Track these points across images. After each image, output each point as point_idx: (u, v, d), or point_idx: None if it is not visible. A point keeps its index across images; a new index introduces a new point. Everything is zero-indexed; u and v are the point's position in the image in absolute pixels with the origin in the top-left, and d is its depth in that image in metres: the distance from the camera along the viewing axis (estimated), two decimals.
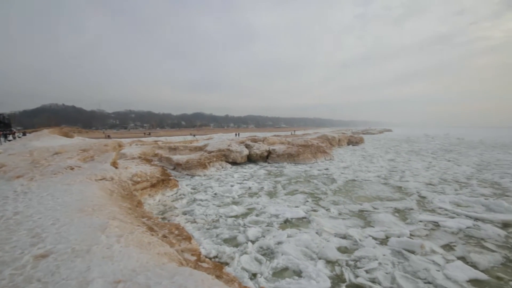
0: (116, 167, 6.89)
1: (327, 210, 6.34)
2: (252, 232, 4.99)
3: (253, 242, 4.60)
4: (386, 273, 3.56)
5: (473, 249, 4.29)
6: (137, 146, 16.77)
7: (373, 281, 3.42)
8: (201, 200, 7.34)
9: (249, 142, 17.20)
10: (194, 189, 8.71)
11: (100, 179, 5.09)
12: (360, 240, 4.60)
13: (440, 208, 6.32)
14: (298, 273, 3.60)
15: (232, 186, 8.92)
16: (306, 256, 4.09)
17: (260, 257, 4.05)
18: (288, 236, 4.76)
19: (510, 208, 6.01)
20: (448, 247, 4.40)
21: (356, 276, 3.52)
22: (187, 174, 11.23)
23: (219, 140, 21.13)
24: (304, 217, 5.85)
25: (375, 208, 6.40)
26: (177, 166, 12.17)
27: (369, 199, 7.24)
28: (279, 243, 4.49)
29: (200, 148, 16.48)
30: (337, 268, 3.74)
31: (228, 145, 15.46)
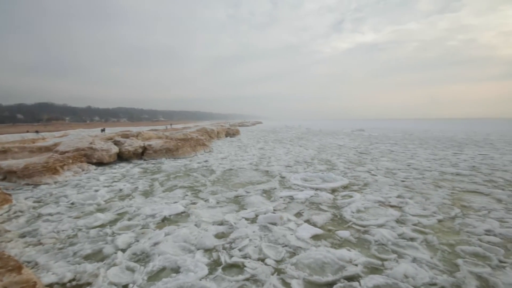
0: None
1: (206, 201, 6.54)
2: (123, 239, 4.46)
3: (124, 250, 4.12)
4: (255, 247, 4.11)
5: (314, 212, 5.64)
6: None
7: (245, 256, 3.86)
8: (50, 214, 5.80)
9: (119, 138, 15.02)
10: (38, 201, 6.76)
11: None
12: (235, 223, 5.05)
13: (294, 184, 7.89)
14: (176, 270, 3.55)
15: (97, 191, 7.56)
16: (184, 250, 4.09)
17: (133, 264, 3.69)
18: (166, 235, 4.58)
19: (336, 178, 8.28)
20: (298, 214, 5.58)
21: (231, 257, 3.86)
22: (28, 184, 8.55)
23: (77, 137, 17.29)
24: (183, 212, 5.79)
25: (247, 192, 7.19)
26: (9, 174, 9.01)
27: (243, 185, 8.04)
28: (156, 244, 4.24)
29: (48, 149, 12.92)
30: (214, 254, 3.96)
31: (90, 143, 12.92)
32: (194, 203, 6.36)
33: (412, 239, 4.32)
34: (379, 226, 4.84)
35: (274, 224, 4.96)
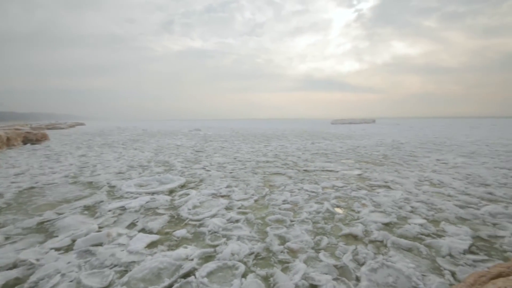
0: None
1: None
2: None
3: None
4: (71, 281, 3.27)
5: (150, 218, 5.32)
6: None
7: None
8: None
9: None
10: None
11: None
12: (37, 260, 3.77)
13: (127, 192, 7.05)
14: None
15: None
16: None
17: None
18: None
19: (173, 178, 8.26)
20: (132, 225, 5.05)
21: None
22: None
23: None
24: None
25: (60, 214, 5.60)
26: None
27: (53, 206, 6.17)
28: None
29: None
30: None
31: None
32: None
33: (237, 221, 5.11)
34: (212, 216, 5.34)
35: (100, 244, 4.19)
